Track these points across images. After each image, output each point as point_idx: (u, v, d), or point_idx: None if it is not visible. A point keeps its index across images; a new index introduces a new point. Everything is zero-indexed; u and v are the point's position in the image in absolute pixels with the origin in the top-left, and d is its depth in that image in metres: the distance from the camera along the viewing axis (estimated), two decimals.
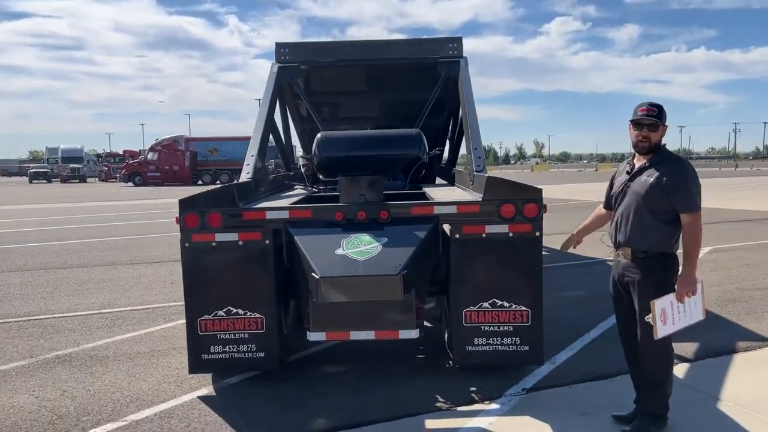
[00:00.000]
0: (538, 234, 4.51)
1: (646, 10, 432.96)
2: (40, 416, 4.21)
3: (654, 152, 3.63)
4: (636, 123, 3.61)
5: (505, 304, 4.50)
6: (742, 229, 13.79)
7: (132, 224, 17.06)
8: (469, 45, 8.54)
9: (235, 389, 4.64)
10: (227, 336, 4.53)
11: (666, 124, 3.63)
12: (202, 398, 4.47)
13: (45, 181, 57.85)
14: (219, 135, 50.34)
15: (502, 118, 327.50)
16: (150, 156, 46.22)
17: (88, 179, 58.63)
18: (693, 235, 3.52)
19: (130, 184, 44.98)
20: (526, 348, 4.54)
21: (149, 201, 27.18)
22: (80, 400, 4.49)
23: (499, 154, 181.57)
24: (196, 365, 4.60)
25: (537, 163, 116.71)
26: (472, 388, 4.49)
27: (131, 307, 7.33)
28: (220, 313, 4.51)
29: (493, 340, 4.53)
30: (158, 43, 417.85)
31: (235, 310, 4.51)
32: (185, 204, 4.47)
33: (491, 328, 4.52)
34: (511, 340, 4.53)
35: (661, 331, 3.52)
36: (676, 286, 3.58)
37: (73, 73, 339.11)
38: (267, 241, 4.49)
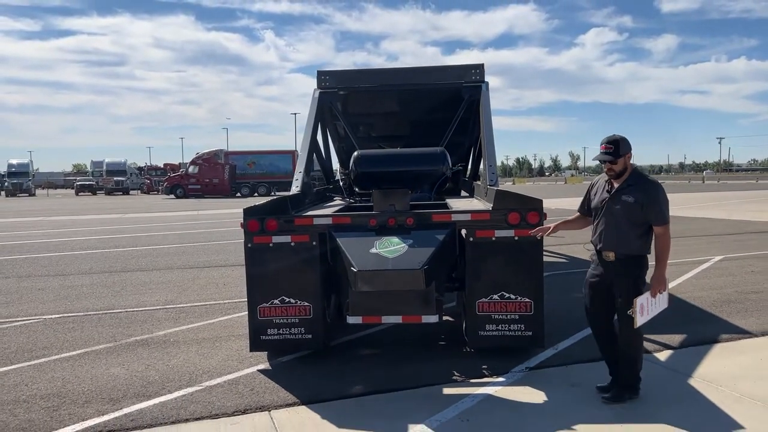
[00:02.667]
0: (539, 237, 5.37)
1: (683, 20, 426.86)
2: (133, 382, 5.24)
3: (623, 175, 4.44)
4: (599, 160, 4.46)
5: (512, 296, 5.38)
6: (760, 240, 14.30)
7: (179, 234, 18.25)
8: (503, 57, 9.62)
9: (287, 365, 5.61)
10: (281, 321, 5.51)
11: (627, 152, 4.39)
12: (261, 371, 5.45)
13: (90, 193, 60.23)
14: (257, 148, 52.05)
15: (537, 129, 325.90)
16: (191, 169, 47.98)
17: (131, 192, 60.90)
18: (663, 242, 4.40)
19: (172, 196, 46.78)
20: (530, 333, 5.41)
21: (192, 212, 28.58)
22: (162, 371, 5.51)
23: (533, 166, 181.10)
24: (255, 345, 5.59)
25: (572, 175, 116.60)
26: (483, 366, 5.37)
27: (191, 304, 8.38)
28: (276, 301, 5.49)
29: (502, 327, 5.42)
30: (196, 58, 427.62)
31: (287, 300, 5.48)
32: (248, 212, 5.48)
33: (500, 317, 5.40)
34: (517, 326, 5.41)
35: (639, 321, 4.35)
36: (650, 285, 4.41)
37: (115, 88, 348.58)
38: (314, 243, 5.46)
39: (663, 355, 5.64)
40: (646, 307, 4.40)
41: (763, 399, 4.53)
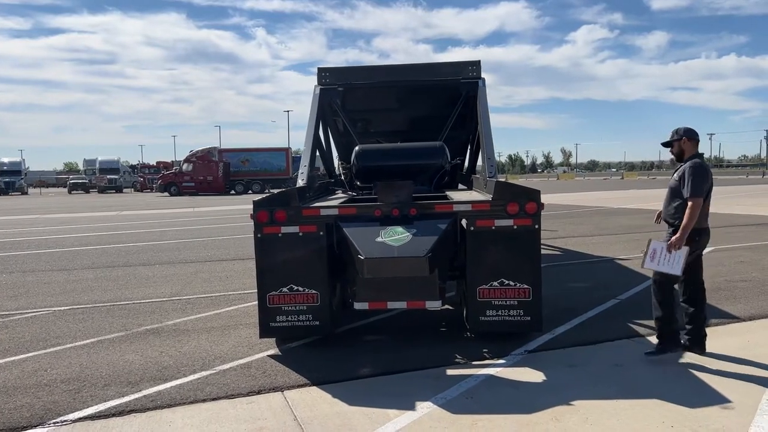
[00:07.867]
0: (537, 227, 5.62)
1: (673, 17, 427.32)
2: (149, 367, 5.46)
3: (682, 158, 5.34)
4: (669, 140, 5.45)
5: (511, 282, 5.62)
6: (748, 232, 14.61)
7: (177, 230, 18.44)
8: (495, 54, 9.87)
9: (296, 350, 5.83)
10: (290, 308, 5.72)
11: (681, 138, 5.33)
12: (271, 356, 5.67)
13: (83, 191, 60.16)
14: (250, 146, 52.19)
15: (529, 126, 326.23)
16: (185, 167, 48.06)
17: (124, 190, 60.89)
18: (690, 213, 5.02)
19: (166, 194, 46.86)
20: (528, 318, 5.66)
21: (188, 209, 28.72)
22: (176, 357, 5.73)
23: (525, 163, 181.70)
24: (265, 331, 5.81)
25: (564, 172, 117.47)
26: (484, 350, 5.61)
27: (197, 296, 8.59)
28: (284, 289, 5.70)
29: (502, 312, 5.65)
30: (188, 56, 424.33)
31: (296, 287, 5.70)
32: (258, 204, 5.70)
33: (500, 302, 5.64)
34: (516, 311, 5.65)
35: (646, 264, 5.03)
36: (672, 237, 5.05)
37: (106, 86, 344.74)
38: (321, 233, 5.68)
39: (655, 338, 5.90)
40: (658, 255, 5.02)
41: (748, 376, 4.81)
